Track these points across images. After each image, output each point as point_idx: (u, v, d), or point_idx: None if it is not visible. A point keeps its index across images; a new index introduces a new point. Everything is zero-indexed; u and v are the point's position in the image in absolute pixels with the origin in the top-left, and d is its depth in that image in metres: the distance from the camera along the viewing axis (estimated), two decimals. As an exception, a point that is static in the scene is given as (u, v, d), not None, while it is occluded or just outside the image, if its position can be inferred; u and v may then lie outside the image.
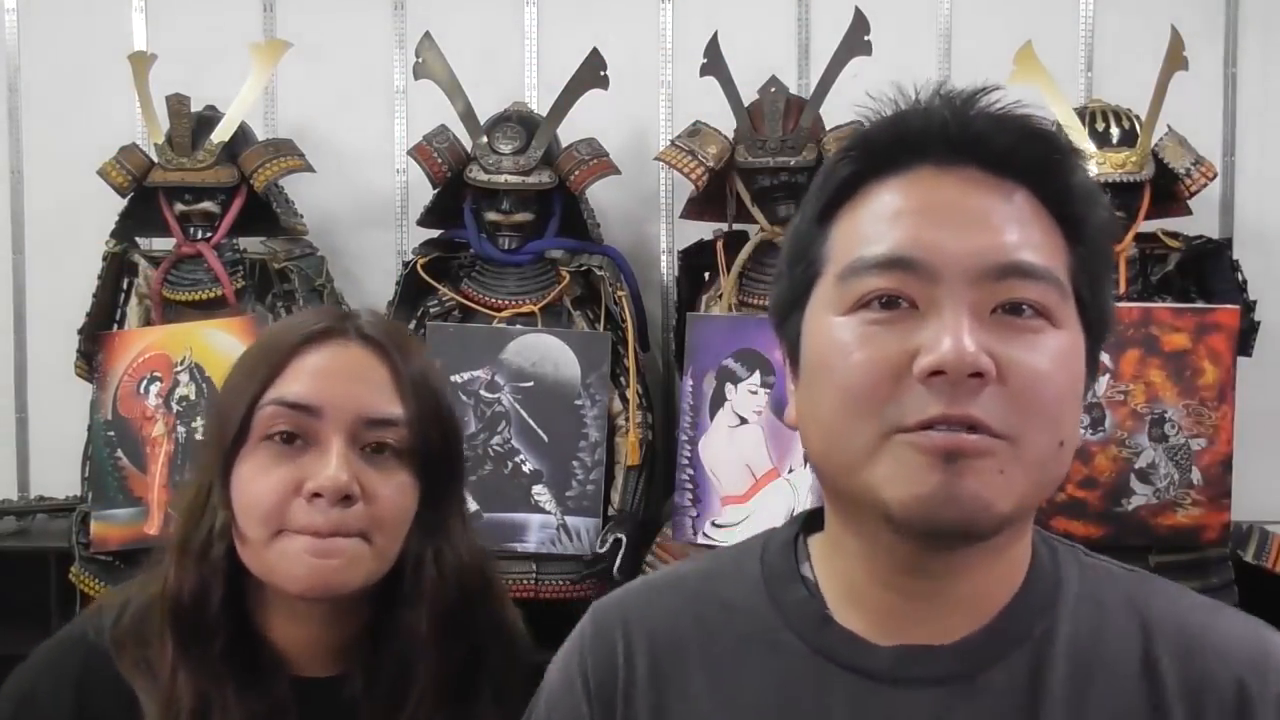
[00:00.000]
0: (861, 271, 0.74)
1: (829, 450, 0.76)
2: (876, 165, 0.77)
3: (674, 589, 0.86)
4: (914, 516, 0.71)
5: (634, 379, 2.56)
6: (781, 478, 2.38)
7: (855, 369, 0.72)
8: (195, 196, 2.60)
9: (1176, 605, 0.79)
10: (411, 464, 1.04)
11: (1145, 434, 2.28)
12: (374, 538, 1.01)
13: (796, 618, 0.79)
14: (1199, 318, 2.29)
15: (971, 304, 0.71)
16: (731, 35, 2.57)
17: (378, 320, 1.09)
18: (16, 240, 3.02)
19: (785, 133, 2.47)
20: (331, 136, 2.92)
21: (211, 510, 1.02)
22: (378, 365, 1.04)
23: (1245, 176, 2.81)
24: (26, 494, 2.96)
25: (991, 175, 0.75)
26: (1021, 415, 0.71)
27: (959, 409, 0.70)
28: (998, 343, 0.71)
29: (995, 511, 0.71)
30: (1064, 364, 0.73)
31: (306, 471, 0.99)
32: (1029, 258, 0.73)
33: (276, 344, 1.04)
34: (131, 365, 2.57)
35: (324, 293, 2.62)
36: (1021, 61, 2.49)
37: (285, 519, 0.99)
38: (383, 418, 1.02)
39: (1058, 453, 0.73)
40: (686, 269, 2.64)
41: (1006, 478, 0.70)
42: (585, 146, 2.62)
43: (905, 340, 0.72)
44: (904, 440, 0.71)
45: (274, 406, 1.01)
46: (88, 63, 2.96)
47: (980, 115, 0.76)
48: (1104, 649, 0.76)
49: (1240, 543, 2.34)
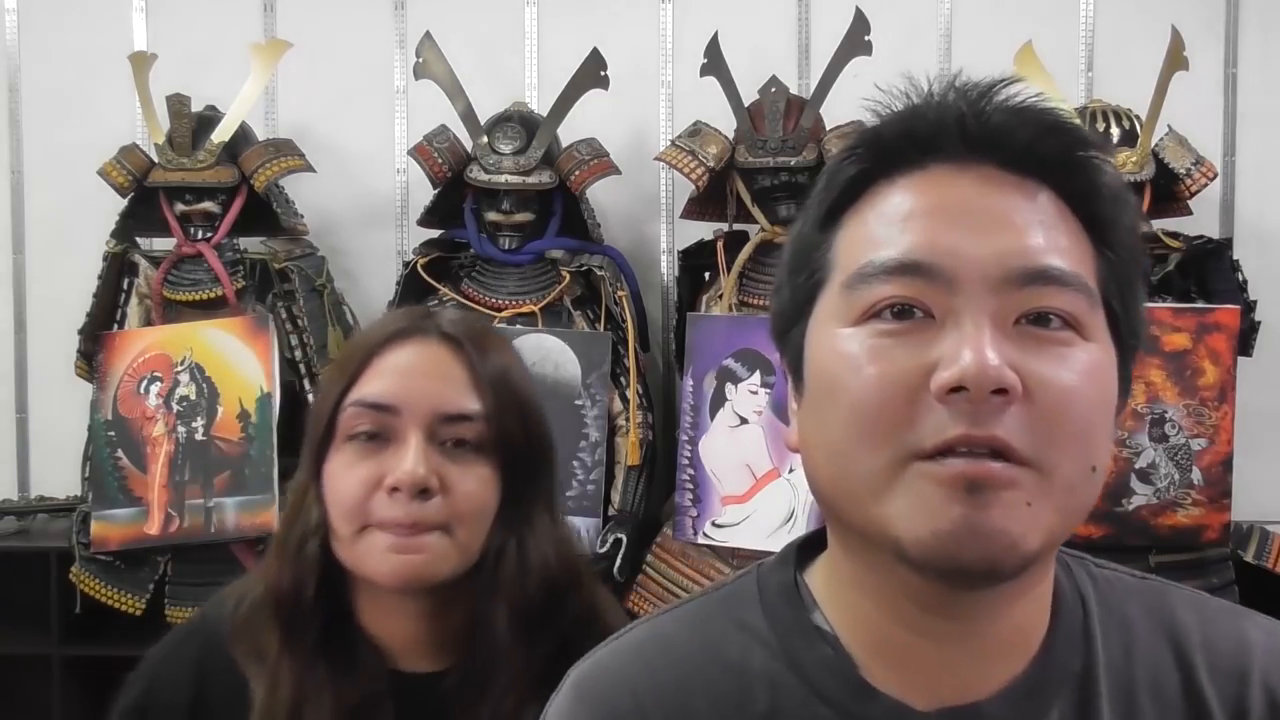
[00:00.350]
0: (871, 278, 0.66)
1: (837, 479, 0.67)
2: (886, 164, 0.69)
3: (665, 655, 0.74)
4: (933, 555, 0.63)
5: (634, 379, 2.56)
6: (782, 478, 2.38)
7: (865, 387, 0.65)
8: (196, 196, 2.60)
9: (1200, 615, 0.74)
10: (492, 458, 1.05)
11: (1146, 434, 2.28)
12: (455, 530, 1.03)
13: (828, 687, 0.69)
14: (1199, 318, 2.29)
15: (994, 313, 0.64)
16: (732, 35, 2.57)
17: (458, 319, 1.11)
18: (17, 240, 3.02)
19: (786, 133, 2.48)
20: (332, 136, 2.92)
21: (308, 507, 1.06)
22: (454, 362, 1.06)
23: (1245, 176, 2.81)
24: (27, 494, 2.97)
25: (1012, 174, 0.67)
26: (1050, 438, 0.63)
27: (982, 430, 0.62)
28: (1023, 357, 0.63)
29: (1023, 549, 0.63)
30: (1095, 381, 0.65)
31: (387, 467, 1.02)
32: (1056, 262, 0.65)
33: (361, 345, 1.08)
34: (132, 365, 2.57)
35: (324, 293, 2.62)
36: (1021, 61, 2.49)
37: (369, 514, 1.02)
38: (459, 413, 1.04)
39: (1089, 480, 0.65)
40: (687, 269, 2.64)
41: (1034, 510, 0.63)
42: (585, 146, 2.62)
43: (921, 354, 0.64)
44: (921, 470, 0.63)
45: (355, 407, 1.04)
46: (88, 63, 2.96)
47: (998, 109, 0.68)
48: (1142, 674, 0.71)
49: (1240, 542, 2.34)
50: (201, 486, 2.49)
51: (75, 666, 2.62)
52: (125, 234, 2.67)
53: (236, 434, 2.50)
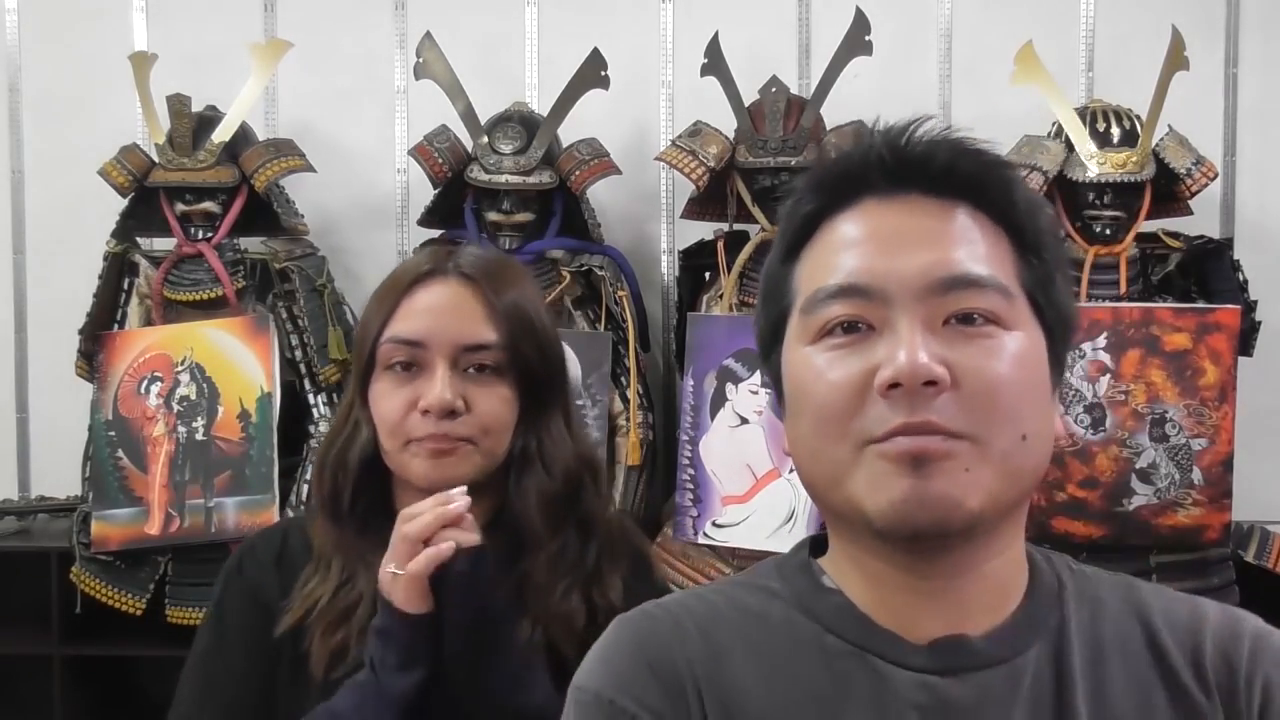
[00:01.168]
0: (821, 302, 0.79)
1: (813, 469, 0.81)
2: (830, 202, 0.82)
3: (700, 602, 0.86)
4: (892, 523, 0.75)
5: (635, 379, 2.56)
6: (782, 478, 2.38)
7: (825, 392, 0.78)
8: (196, 196, 2.60)
9: (1162, 597, 0.85)
10: (510, 378, 1.23)
11: (1146, 434, 2.28)
12: (480, 441, 1.21)
13: (836, 622, 0.82)
14: (1200, 318, 2.29)
15: (924, 318, 0.76)
16: (732, 35, 2.57)
17: (476, 257, 1.28)
18: (17, 240, 3.02)
19: (786, 133, 2.48)
20: (332, 136, 2.92)
21: (353, 424, 1.26)
22: (473, 298, 1.23)
23: (1246, 176, 2.81)
24: (27, 494, 2.97)
25: (933, 198, 0.80)
26: (979, 415, 0.75)
27: (918, 416, 0.74)
28: (952, 351, 0.75)
29: (967, 508, 0.75)
30: (1020, 363, 0.77)
31: (420, 391, 1.21)
32: (972, 269, 0.77)
33: (393, 285, 1.26)
34: (132, 365, 2.57)
35: (324, 293, 2.62)
36: (1021, 61, 2.49)
37: (408, 431, 1.21)
38: (478, 343, 1.22)
39: (1022, 445, 0.77)
40: (687, 269, 2.64)
41: (973, 475, 0.75)
42: (586, 146, 2.62)
43: (866, 359, 0.77)
44: (874, 451, 0.75)
45: (390, 343, 1.23)
46: (89, 63, 2.96)
47: (913, 142, 0.81)
48: (1110, 633, 0.82)
49: (1241, 543, 2.34)
50: (202, 486, 2.50)
51: (76, 666, 2.63)
52: (125, 234, 2.67)
53: (237, 434, 2.50)
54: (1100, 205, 2.44)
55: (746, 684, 0.81)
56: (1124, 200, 2.44)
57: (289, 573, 1.27)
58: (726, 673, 0.81)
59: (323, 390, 2.61)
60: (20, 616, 2.65)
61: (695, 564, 2.41)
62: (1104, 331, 2.30)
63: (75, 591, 2.52)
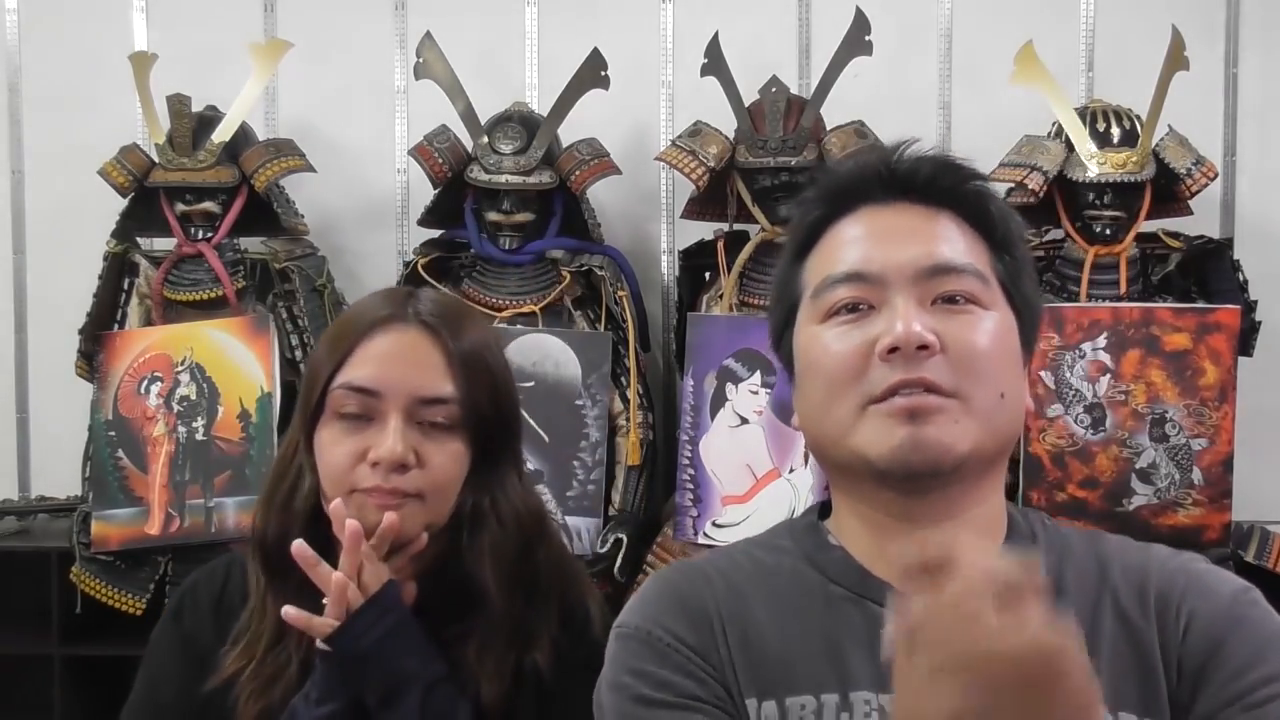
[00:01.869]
0: (830, 286, 0.94)
1: (820, 427, 0.95)
2: (833, 210, 0.98)
3: (722, 555, 1.02)
4: (892, 464, 0.89)
5: (635, 379, 2.56)
6: (782, 478, 2.38)
7: (833, 360, 0.93)
8: (196, 196, 2.60)
9: (1122, 545, 0.99)
10: (464, 433, 1.19)
11: (1146, 434, 2.28)
12: (429, 497, 1.17)
13: (837, 573, 0.96)
14: (1200, 318, 2.29)
15: (916, 298, 0.91)
16: (732, 35, 2.57)
17: (436, 304, 1.24)
18: (17, 240, 3.02)
19: (786, 133, 2.48)
20: (332, 136, 2.92)
21: (297, 468, 1.21)
22: (431, 348, 1.19)
23: (1246, 176, 2.81)
24: (27, 494, 2.97)
25: (921, 205, 0.96)
26: (963, 375, 0.90)
27: (914, 374, 0.89)
28: (939, 324, 0.91)
29: (956, 452, 0.89)
30: (994, 336, 0.93)
31: (370, 442, 1.16)
32: (954, 257, 0.93)
33: (349, 328, 1.21)
34: (132, 365, 2.57)
35: (324, 293, 2.62)
36: (1021, 61, 2.49)
37: (354, 482, 1.16)
38: (435, 397, 1.18)
39: (1000, 403, 0.92)
40: (687, 269, 2.64)
41: (960, 426, 0.89)
42: (586, 146, 2.62)
43: (868, 332, 0.91)
44: (876, 409, 0.90)
45: (343, 390, 1.18)
46: (89, 63, 2.96)
47: (905, 160, 0.97)
48: (1072, 573, 0.95)
49: (1241, 543, 2.34)
50: (202, 486, 2.50)
51: (76, 666, 2.63)
52: (125, 234, 2.67)
53: (237, 434, 2.50)
54: (1100, 205, 2.44)
55: (762, 623, 0.94)
56: (1124, 200, 2.44)
57: (227, 617, 1.24)
58: (746, 613, 0.95)
59: (323, 390, 2.60)
60: (20, 616, 2.65)
61: (695, 564, 2.41)
62: (1104, 331, 2.30)
63: (75, 591, 2.52)
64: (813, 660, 0.93)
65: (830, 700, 0.91)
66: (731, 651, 0.93)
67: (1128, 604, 0.93)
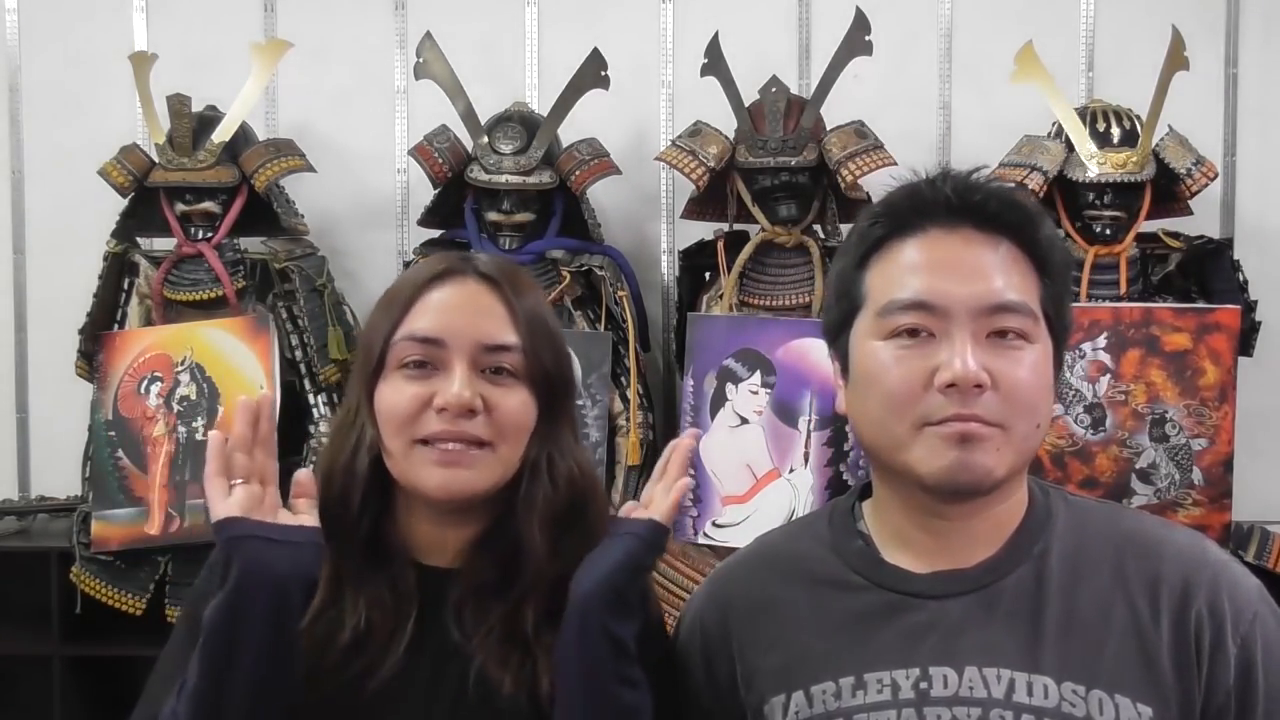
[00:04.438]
0: (894, 311, 1.05)
1: (878, 437, 1.07)
2: (899, 227, 1.08)
3: (761, 555, 1.20)
4: (941, 481, 1.03)
5: (635, 379, 2.56)
6: (782, 478, 2.38)
7: (894, 382, 1.04)
8: (196, 196, 2.60)
9: (1140, 523, 1.12)
10: (528, 383, 1.17)
11: (1146, 434, 2.28)
12: (498, 445, 1.14)
13: (857, 563, 1.11)
14: (1200, 318, 2.29)
15: (973, 332, 1.03)
16: (732, 35, 2.57)
17: (493, 261, 1.23)
18: (17, 240, 3.02)
19: (786, 133, 2.47)
20: (332, 136, 2.92)
21: (358, 428, 1.17)
22: (493, 299, 1.17)
23: (1246, 176, 2.81)
24: (27, 494, 2.97)
25: (983, 233, 1.06)
26: (1009, 410, 1.02)
27: (967, 409, 1.01)
28: (991, 359, 1.02)
29: (995, 476, 1.03)
30: (1038, 371, 1.05)
31: (436, 388, 1.13)
32: (1011, 297, 1.04)
33: (407, 285, 1.19)
34: (132, 365, 2.57)
35: (324, 293, 2.62)
36: (1021, 61, 2.49)
37: (418, 429, 1.13)
38: (500, 344, 1.16)
39: (1036, 432, 1.06)
40: (687, 269, 2.64)
41: (1001, 453, 1.03)
42: (586, 146, 2.62)
43: (927, 360, 1.03)
44: (931, 431, 1.03)
45: (406, 341, 1.15)
46: (89, 63, 2.96)
47: (973, 188, 1.07)
48: (1086, 559, 1.07)
49: (1241, 543, 2.34)
50: (202, 486, 2.49)
51: (76, 666, 2.63)
52: (125, 234, 2.67)
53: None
54: (1100, 205, 2.44)
55: (794, 602, 1.12)
56: (1124, 200, 2.44)
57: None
58: (767, 620, 1.12)
59: (323, 390, 2.61)
60: (20, 616, 2.65)
61: (695, 564, 2.40)
62: (1104, 331, 2.30)
63: (75, 591, 2.52)
64: (833, 646, 1.08)
65: (846, 683, 1.05)
66: (747, 669, 1.12)
67: (1137, 592, 1.04)
